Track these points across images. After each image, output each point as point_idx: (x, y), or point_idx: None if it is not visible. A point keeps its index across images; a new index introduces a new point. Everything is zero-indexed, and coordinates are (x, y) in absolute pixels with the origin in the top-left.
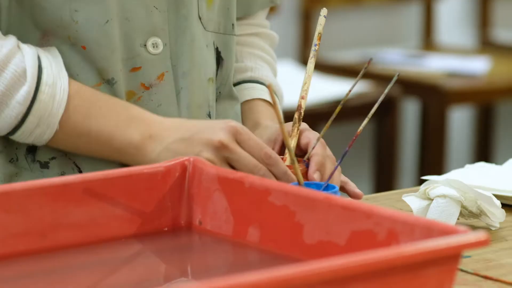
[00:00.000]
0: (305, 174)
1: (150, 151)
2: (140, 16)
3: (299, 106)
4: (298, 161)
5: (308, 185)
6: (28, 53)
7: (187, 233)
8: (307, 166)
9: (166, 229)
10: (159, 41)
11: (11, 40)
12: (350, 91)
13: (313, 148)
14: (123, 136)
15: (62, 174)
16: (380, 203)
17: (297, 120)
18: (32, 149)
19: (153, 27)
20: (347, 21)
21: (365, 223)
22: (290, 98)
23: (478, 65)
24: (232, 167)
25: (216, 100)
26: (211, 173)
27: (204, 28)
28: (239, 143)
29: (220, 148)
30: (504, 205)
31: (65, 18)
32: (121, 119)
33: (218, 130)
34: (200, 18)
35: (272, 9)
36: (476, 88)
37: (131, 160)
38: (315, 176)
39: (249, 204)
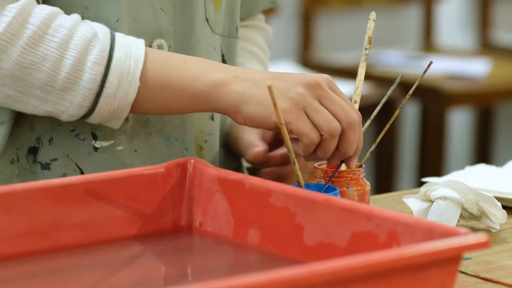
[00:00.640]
0: (358, 182)
1: (237, 88)
2: (147, 17)
3: None
4: (355, 166)
5: (308, 186)
6: (95, 23)
7: (188, 234)
8: (364, 171)
9: (166, 230)
10: (163, 42)
11: (75, 15)
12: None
13: (370, 152)
14: (206, 76)
15: (64, 175)
16: (380, 204)
17: None
18: (33, 150)
19: (159, 29)
20: (347, 23)
21: (365, 225)
22: None
23: (478, 67)
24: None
25: None
26: (211, 174)
27: (212, 30)
28: (333, 90)
29: (315, 87)
30: (504, 207)
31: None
32: (201, 65)
33: (313, 74)
34: (207, 20)
35: (272, 10)
36: (476, 90)
37: (215, 101)
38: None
39: (249, 205)
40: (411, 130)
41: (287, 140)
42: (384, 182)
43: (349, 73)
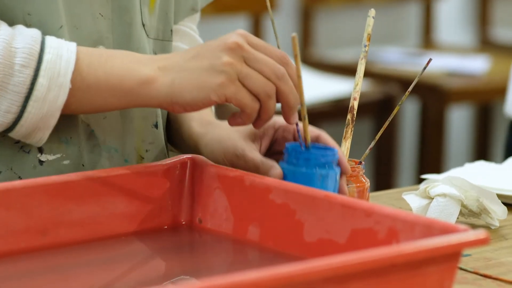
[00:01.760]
0: (357, 178)
1: (163, 81)
2: (87, 24)
3: (352, 108)
4: (355, 162)
5: (313, 146)
6: (30, 29)
7: (188, 231)
8: (364, 168)
9: (166, 227)
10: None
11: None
12: (409, 91)
13: (369, 149)
14: (132, 74)
15: None
16: (380, 201)
17: (350, 122)
18: None
19: (99, 35)
20: (346, 20)
21: (365, 221)
22: None
23: (478, 64)
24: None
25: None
26: (211, 171)
27: (147, 35)
28: (254, 46)
29: (236, 49)
30: (504, 204)
31: (18, 21)
32: (126, 62)
33: (229, 36)
34: (144, 25)
35: (271, 7)
36: (475, 87)
37: (147, 99)
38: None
39: (249, 202)
40: (410, 127)
41: (302, 95)
42: (383, 179)
43: (349, 70)
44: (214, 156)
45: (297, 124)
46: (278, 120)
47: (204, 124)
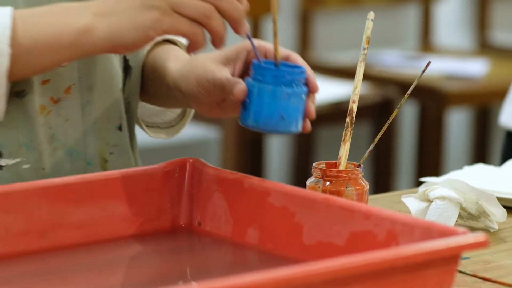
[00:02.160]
0: (356, 181)
1: (101, 27)
2: None
3: (351, 110)
4: (354, 165)
5: (282, 64)
6: None
7: (187, 234)
8: (363, 170)
9: (165, 229)
10: None
11: None
12: (408, 94)
13: (368, 152)
14: (70, 28)
15: None
16: (379, 204)
17: (349, 125)
18: None
19: None
20: (345, 22)
21: (364, 224)
22: None
23: (476, 67)
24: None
25: (127, 112)
26: (210, 174)
27: None
28: None
29: None
30: (503, 207)
31: None
32: (60, 16)
33: None
34: None
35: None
36: (474, 90)
37: (89, 47)
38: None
39: (248, 205)
40: (409, 130)
41: (275, 12)
42: (383, 181)
43: (348, 73)
44: (190, 87)
45: (249, 38)
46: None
47: (180, 61)
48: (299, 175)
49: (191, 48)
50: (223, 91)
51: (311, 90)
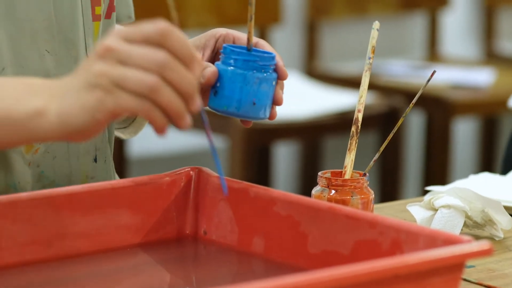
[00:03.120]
0: (362, 190)
1: (52, 111)
2: (33, 62)
3: (356, 120)
4: (359, 174)
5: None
6: None
7: (192, 243)
8: (368, 179)
9: (171, 238)
10: None
11: None
12: (413, 103)
13: (374, 161)
14: (22, 107)
15: None
16: (384, 213)
17: (354, 134)
18: None
19: (46, 73)
20: (351, 32)
21: (369, 233)
22: (298, 109)
23: (483, 77)
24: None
25: (108, 141)
26: (216, 183)
27: None
28: (129, 41)
29: (106, 54)
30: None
31: None
32: (18, 92)
33: (103, 39)
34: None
35: (276, 20)
36: (480, 100)
37: (40, 131)
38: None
39: (254, 214)
40: (416, 139)
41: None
42: (389, 190)
43: (355, 83)
44: None
45: (202, 115)
46: (219, 29)
47: None
48: (306, 184)
49: (154, 129)
50: None
51: (280, 76)
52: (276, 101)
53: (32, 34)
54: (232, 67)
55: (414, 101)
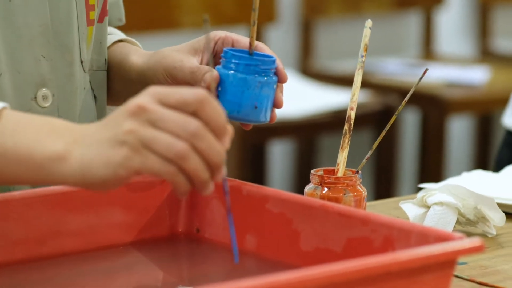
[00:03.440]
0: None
1: (74, 158)
2: (29, 67)
3: (349, 117)
4: (352, 172)
5: (256, 54)
6: None
7: (185, 241)
8: (361, 177)
9: (164, 237)
10: (48, 92)
11: None
12: (405, 101)
13: (366, 158)
14: (43, 148)
15: None
16: (377, 210)
17: (347, 132)
18: None
19: (41, 78)
20: (346, 30)
21: (361, 230)
22: (293, 107)
23: (478, 75)
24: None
25: None
26: None
27: (84, 71)
28: (164, 104)
29: (139, 113)
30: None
31: None
32: (41, 132)
33: (135, 97)
34: (82, 62)
35: (271, 19)
36: (475, 98)
37: (58, 175)
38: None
39: (246, 211)
40: (411, 137)
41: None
42: (384, 188)
43: (350, 81)
44: (157, 78)
45: (225, 184)
46: (218, 32)
47: (143, 55)
48: (301, 182)
49: (176, 192)
50: (192, 79)
51: (280, 79)
52: (277, 104)
53: (29, 39)
54: (233, 72)
55: (406, 98)
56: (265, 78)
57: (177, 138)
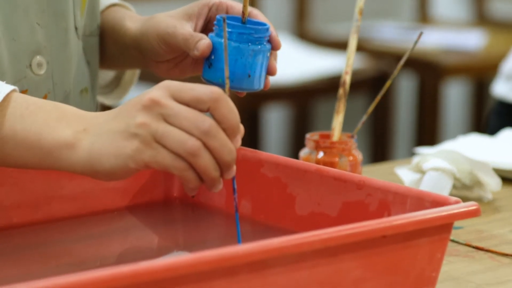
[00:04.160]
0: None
1: (83, 146)
2: (24, 35)
3: (344, 82)
4: (347, 136)
5: (234, 19)
6: None
7: (180, 205)
8: (356, 141)
9: (159, 201)
10: (43, 60)
11: None
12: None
13: (361, 123)
14: (52, 134)
15: None
16: (373, 175)
17: (342, 96)
18: None
19: (37, 46)
20: None
21: (356, 194)
22: (288, 72)
23: (474, 40)
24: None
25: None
26: None
27: (78, 38)
28: (178, 99)
29: (152, 106)
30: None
31: None
32: (50, 118)
33: (147, 92)
34: (76, 29)
35: None
36: (471, 63)
37: (66, 162)
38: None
39: (241, 176)
40: (406, 102)
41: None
42: (380, 153)
43: (342, 46)
44: (150, 43)
45: (233, 182)
46: None
47: (137, 20)
48: (296, 147)
49: (185, 187)
50: (185, 46)
51: (274, 47)
52: (270, 72)
53: (24, 7)
54: (227, 40)
55: (402, 62)
56: (259, 47)
57: (189, 135)
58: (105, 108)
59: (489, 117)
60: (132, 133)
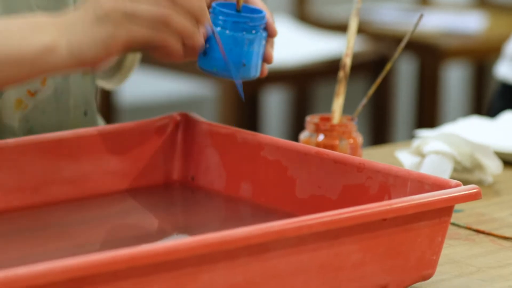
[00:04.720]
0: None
1: (62, 45)
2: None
3: (344, 64)
4: (348, 119)
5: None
6: None
7: (180, 188)
8: (356, 124)
9: (159, 184)
10: None
11: None
12: (401, 48)
13: (362, 105)
14: (32, 45)
15: None
16: (373, 157)
17: (342, 78)
18: None
19: None
20: None
21: (357, 177)
22: (288, 55)
23: (474, 22)
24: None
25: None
26: (203, 128)
27: None
28: None
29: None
30: None
31: None
32: (25, 30)
33: None
34: None
35: None
36: (471, 45)
37: (52, 65)
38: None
39: (241, 159)
40: (406, 85)
41: None
42: (381, 135)
43: (342, 28)
44: None
45: (210, 12)
46: None
47: None
48: (296, 130)
49: (168, 56)
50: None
51: (270, 34)
52: (267, 59)
53: None
54: (221, 29)
55: (402, 44)
56: (254, 35)
57: (157, 5)
58: (105, 92)
59: (492, 99)
60: (102, 18)
